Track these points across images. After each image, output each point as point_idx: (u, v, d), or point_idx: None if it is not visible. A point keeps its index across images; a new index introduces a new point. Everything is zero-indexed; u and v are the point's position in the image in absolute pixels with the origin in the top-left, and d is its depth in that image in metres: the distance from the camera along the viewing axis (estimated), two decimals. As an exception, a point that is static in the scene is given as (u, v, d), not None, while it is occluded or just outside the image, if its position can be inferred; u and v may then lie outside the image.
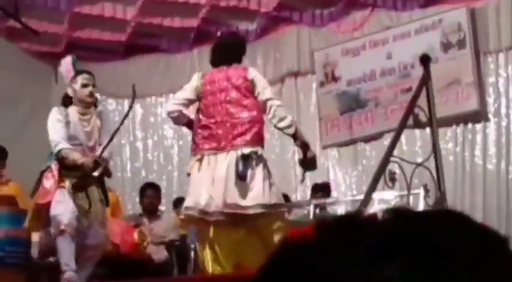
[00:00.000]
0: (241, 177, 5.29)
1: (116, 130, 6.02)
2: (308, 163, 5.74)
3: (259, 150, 5.50)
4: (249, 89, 5.58)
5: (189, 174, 5.70)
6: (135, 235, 7.64)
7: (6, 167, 7.89)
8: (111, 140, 5.94)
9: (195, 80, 5.89)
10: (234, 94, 5.59)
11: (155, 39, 10.72)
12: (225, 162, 5.41)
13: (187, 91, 5.85)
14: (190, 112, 5.92)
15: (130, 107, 6.53)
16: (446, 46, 9.16)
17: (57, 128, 5.94)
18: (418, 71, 6.61)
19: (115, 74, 10.99)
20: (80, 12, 10.01)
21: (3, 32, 10.29)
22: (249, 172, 5.33)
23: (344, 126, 9.84)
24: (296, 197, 9.65)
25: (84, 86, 6.12)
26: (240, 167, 5.32)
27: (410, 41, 9.38)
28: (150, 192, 8.73)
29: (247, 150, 5.38)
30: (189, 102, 5.83)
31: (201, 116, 5.71)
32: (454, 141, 9.18)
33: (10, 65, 10.30)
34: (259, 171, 5.40)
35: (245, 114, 5.51)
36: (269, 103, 5.54)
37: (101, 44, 10.64)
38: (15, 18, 8.67)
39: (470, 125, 9.17)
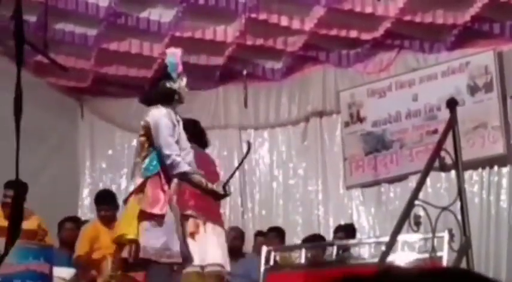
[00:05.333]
0: None
1: (238, 166, 6.43)
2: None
3: None
4: None
5: None
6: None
7: (26, 201, 7.90)
8: (233, 173, 6.13)
9: None
10: None
11: (181, 76, 10.76)
12: None
13: None
14: None
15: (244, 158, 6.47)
16: (473, 89, 9.13)
17: (171, 134, 5.53)
18: (444, 113, 6.59)
19: (140, 109, 11.02)
20: (107, 48, 10.08)
21: (31, 67, 10.36)
22: None
23: (368, 167, 9.80)
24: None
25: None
26: None
27: (436, 83, 9.36)
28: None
29: None
30: None
31: None
32: (480, 184, 9.11)
33: (37, 100, 10.35)
34: None
35: None
36: None
37: (127, 80, 10.69)
38: (44, 53, 8.70)
39: (496, 169, 9.10)
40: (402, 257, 6.23)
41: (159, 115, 5.53)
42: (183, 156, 5.49)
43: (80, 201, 11.01)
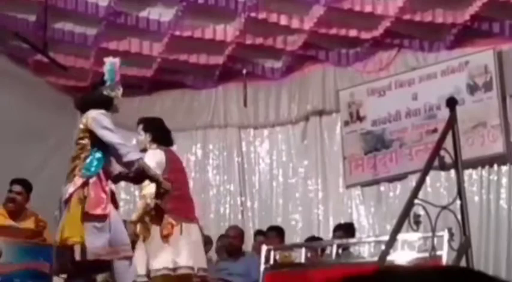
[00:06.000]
0: None
1: None
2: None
3: None
4: None
5: None
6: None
7: (29, 200, 7.91)
8: None
9: None
10: None
11: (180, 75, 10.77)
12: None
13: None
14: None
15: None
16: (472, 88, 9.13)
17: (115, 131, 5.63)
18: (444, 112, 6.59)
19: (140, 109, 11.04)
20: (106, 47, 10.08)
21: (31, 66, 10.38)
22: None
23: (368, 166, 9.80)
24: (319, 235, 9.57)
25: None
26: None
27: (436, 82, 9.36)
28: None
29: None
30: None
31: None
32: (480, 183, 9.11)
33: (37, 99, 10.37)
34: None
35: None
36: None
37: (126, 79, 10.64)
38: (43, 53, 8.75)
39: (495, 168, 9.11)
40: (402, 256, 6.23)
41: (97, 114, 5.62)
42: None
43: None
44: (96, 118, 5.58)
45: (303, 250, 7.01)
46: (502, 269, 8.77)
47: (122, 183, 7.55)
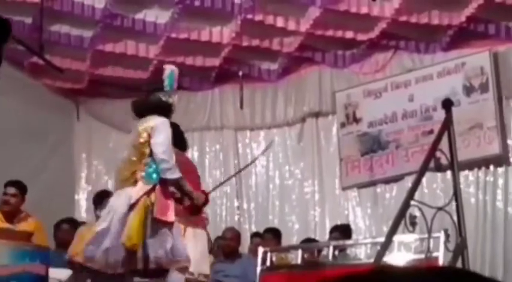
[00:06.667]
0: None
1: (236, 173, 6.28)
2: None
3: None
4: None
5: None
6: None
7: (24, 202, 7.91)
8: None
9: None
10: None
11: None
12: None
13: None
14: None
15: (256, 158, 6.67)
16: (468, 90, 9.14)
17: (168, 145, 5.70)
18: (440, 114, 6.59)
19: (136, 111, 11.05)
20: (103, 49, 10.08)
21: (27, 69, 10.38)
22: None
23: (365, 168, 9.81)
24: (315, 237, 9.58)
25: None
26: None
27: (432, 84, 9.37)
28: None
29: None
30: None
31: None
32: (476, 184, 9.12)
33: (33, 101, 10.37)
34: None
35: None
36: None
37: (123, 81, 10.70)
38: (39, 55, 8.74)
39: (492, 169, 9.11)
40: (398, 258, 6.24)
41: (163, 122, 5.72)
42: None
43: (76, 203, 11.01)
44: (159, 127, 5.69)
45: (300, 252, 7.01)
46: (498, 270, 8.78)
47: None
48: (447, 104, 5.62)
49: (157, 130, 5.65)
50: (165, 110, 5.89)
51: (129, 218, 5.47)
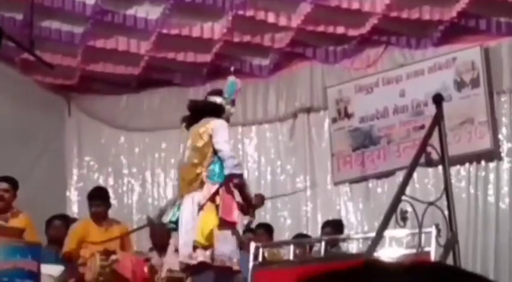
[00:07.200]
0: None
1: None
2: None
3: None
4: None
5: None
6: (146, 269, 7.61)
7: (16, 198, 7.90)
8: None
9: None
10: None
11: (168, 73, 10.76)
12: None
13: None
14: None
15: None
16: (459, 85, 9.15)
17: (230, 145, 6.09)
18: (431, 109, 6.61)
19: (128, 107, 11.04)
20: (93, 45, 10.06)
21: (18, 65, 10.35)
22: None
23: (356, 163, 9.82)
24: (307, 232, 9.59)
25: None
26: None
27: (423, 79, 9.38)
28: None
29: None
30: None
31: None
32: (467, 179, 9.14)
33: (24, 98, 10.35)
34: None
35: None
36: None
37: (114, 77, 10.69)
38: (30, 51, 8.71)
39: (483, 164, 9.14)
40: (390, 253, 6.25)
41: (222, 123, 6.05)
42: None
43: (67, 199, 10.99)
44: (219, 127, 5.97)
45: (292, 247, 7.02)
46: (489, 264, 8.81)
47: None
48: (438, 99, 5.63)
49: (219, 130, 5.93)
50: (221, 113, 6.17)
51: (199, 217, 5.74)
